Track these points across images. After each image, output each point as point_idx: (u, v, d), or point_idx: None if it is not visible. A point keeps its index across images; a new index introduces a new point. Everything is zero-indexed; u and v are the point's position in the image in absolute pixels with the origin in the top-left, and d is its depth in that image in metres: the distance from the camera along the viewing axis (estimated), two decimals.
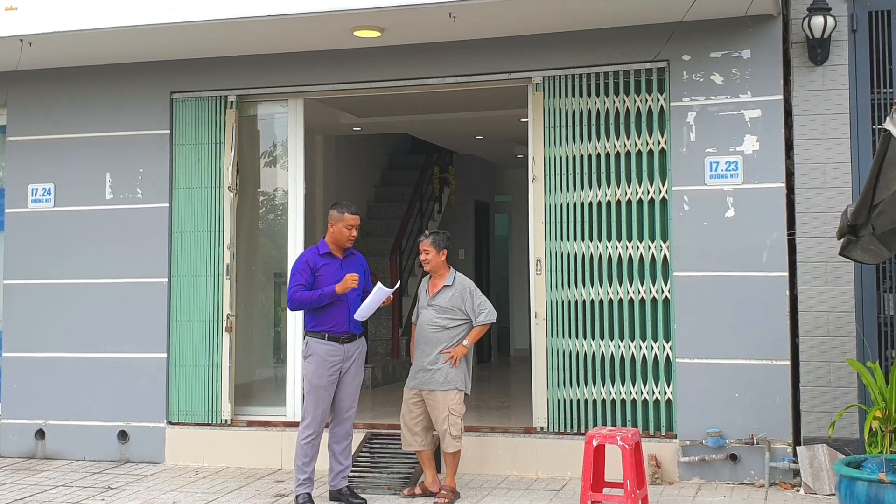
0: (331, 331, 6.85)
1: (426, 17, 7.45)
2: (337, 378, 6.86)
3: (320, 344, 6.84)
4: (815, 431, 7.23)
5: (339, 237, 6.94)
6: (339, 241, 6.96)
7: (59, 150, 8.88)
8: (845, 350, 7.23)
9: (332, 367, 6.83)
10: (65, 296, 8.77)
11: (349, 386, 6.95)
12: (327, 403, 6.88)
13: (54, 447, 8.71)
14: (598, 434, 6.52)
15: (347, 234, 6.93)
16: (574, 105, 7.88)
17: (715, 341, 7.44)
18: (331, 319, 6.85)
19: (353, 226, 6.94)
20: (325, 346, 6.83)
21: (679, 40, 7.54)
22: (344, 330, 6.89)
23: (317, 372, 6.81)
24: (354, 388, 7.01)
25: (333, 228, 6.95)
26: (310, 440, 6.83)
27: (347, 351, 6.90)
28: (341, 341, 6.87)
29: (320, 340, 6.85)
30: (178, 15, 7.52)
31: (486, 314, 7.11)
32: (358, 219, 6.98)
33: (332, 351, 6.84)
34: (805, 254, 7.36)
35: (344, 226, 6.93)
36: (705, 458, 7.40)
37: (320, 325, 6.86)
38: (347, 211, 6.95)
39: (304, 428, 6.85)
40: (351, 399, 6.99)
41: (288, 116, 8.62)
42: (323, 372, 6.82)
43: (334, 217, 6.96)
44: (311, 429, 6.83)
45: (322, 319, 6.85)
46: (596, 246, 7.78)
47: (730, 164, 7.47)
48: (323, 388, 6.83)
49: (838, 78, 7.37)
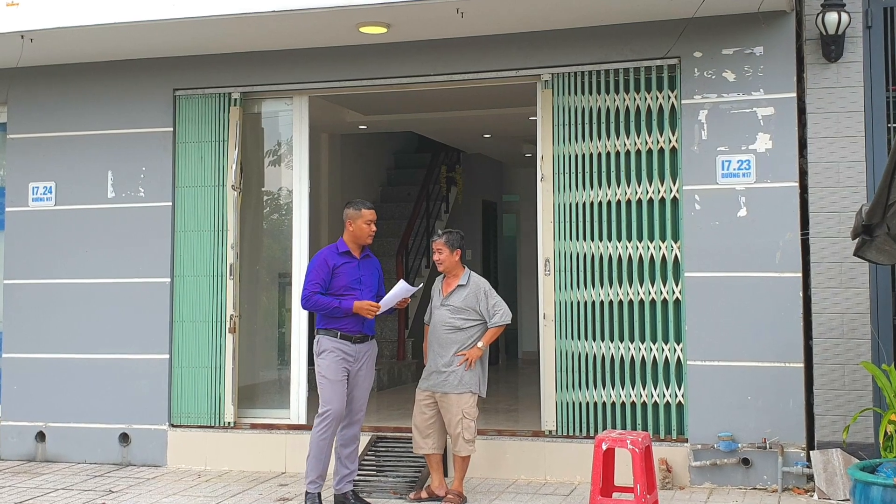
0: (343, 329, 6.86)
1: (433, 13, 7.46)
2: (348, 376, 6.87)
3: (331, 341, 6.85)
4: (829, 435, 7.22)
5: (360, 234, 6.95)
6: (360, 238, 6.97)
7: (60, 148, 8.90)
8: (860, 352, 7.22)
9: (346, 364, 6.85)
10: (66, 296, 8.79)
11: (359, 388, 6.95)
12: (343, 399, 6.83)
13: (55, 450, 8.73)
14: (608, 437, 6.51)
15: (368, 229, 6.95)
16: (583, 103, 7.88)
17: (727, 343, 7.44)
18: (345, 319, 6.86)
19: (371, 220, 6.98)
20: (337, 343, 6.85)
21: (690, 37, 7.53)
22: (357, 330, 6.90)
23: (331, 367, 6.80)
24: (364, 390, 7.01)
25: (353, 226, 6.95)
26: (327, 436, 6.77)
27: (358, 351, 6.90)
28: (353, 341, 6.88)
29: (332, 338, 6.86)
30: (182, 11, 7.54)
31: (502, 315, 7.11)
32: (375, 213, 7.02)
33: (344, 348, 6.85)
34: (819, 254, 7.35)
35: (363, 221, 6.94)
36: (717, 463, 7.39)
37: (333, 323, 6.87)
38: (364, 206, 6.98)
39: (321, 422, 6.76)
40: (360, 401, 6.99)
41: (293, 114, 8.62)
42: (337, 367, 6.81)
43: (352, 215, 6.97)
44: (329, 424, 6.73)
45: (335, 318, 6.86)
46: (606, 246, 7.78)
47: (742, 162, 7.47)
48: (339, 383, 6.81)
49: (853, 75, 7.36)
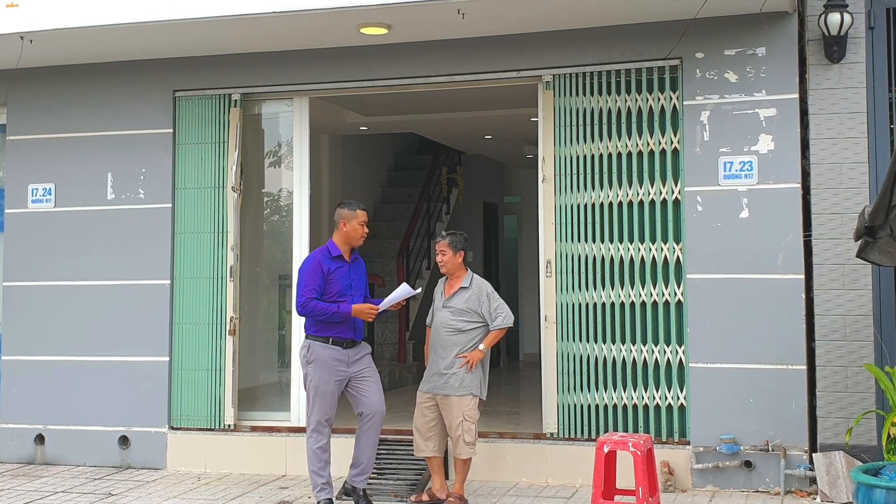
0: (335, 336, 6.85)
1: (434, 14, 7.47)
2: (343, 381, 6.87)
3: (324, 348, 6.84)
4: (832, 438, 7.22)
5: (354, 235, 6.95)
6: (353, 240, 6.97)
7: (59, 150, 8.90)
8: (863, 355, 7.22)
9: (339, 372, 6.84)
10: (65, 298, 8.80)
11: (367, 386, 6.91)
12: (333, 409, 6.88)
13: (54, 452, 8.74)
14: (610, 440, 6.51)
15: (361, 231, 6.96)
16: (585, 104, 7.88)
17: (729, 345, 7.44)
18: (337, 325, 6.85)
19: (365, 222, 6.99)
20: (329, 350, 6.84)
21: (692, 37, 7.54)
22: (349, 336, 6.90)
23: (323, 377, 6.82)
24: (373, 384, 6.94)
25: (347, 227, 6.95)
26: (322, 445, 6.83)
27: (350, 356, 6.90)
28: (345, 346, 6.88)
29: (324, 344, 6.84)
30: (182, 11, 7.54)
31: (504, 318, 7.12)
32: (366, 215, 7.04)
33: (336, 355, 6.85)
34: (821, 256, 7.35)
35: (358, 222, 6.95)
36: (719, 465, 7.39)
37: (325, 330, 6.85)
38: (359, 207, 6.99)
39: (313, 433, 6.83)
40: (373, 398, 6.90)
41: (293, 115, 8.63)
42: (329, 377, 6.82)
43: (346, 215, 6.96)
44: (320, 434, 6.83)
45: (328, 325, 6.85)
46: (607, 248, 7.78)
47: (744, 164, 7.47)
48: (330, 394, 6.83)
49: (855, 76, 7.36)
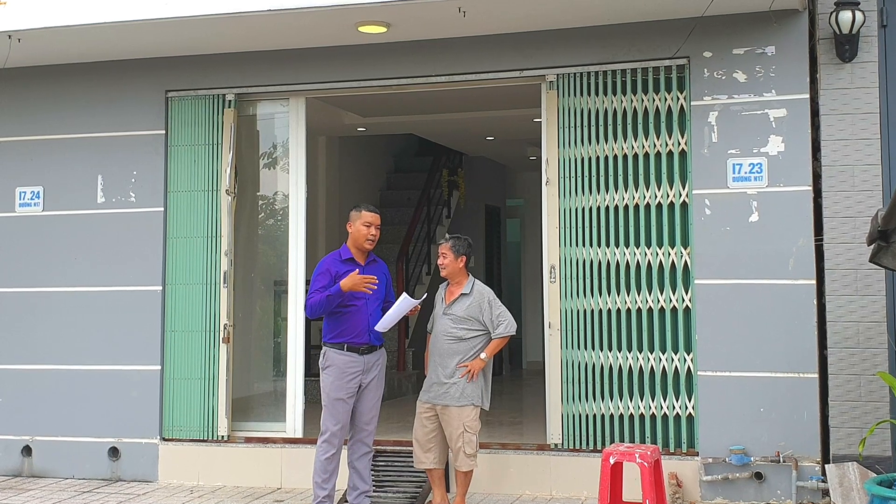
0: (350, 342, 6.86)
1: (434, 12, 7.50)
2: (356, 390, 6.89)
3: (339, 355, 6.85)
4: (845, 448, 7.23)
5: (358, 237, 6.96)
6: (359, 242, 6.97)
7: (48, 152, 8.93)
8: (876, 362, 7.24)
9: (352, 380, 6.85)
10: (53, 304, 8.82)
11: (370, 399, 6.97)
12: (347, 418, 6.89)
13: (42, 464, 8.75)
14: (616, 451, 6.53)
15: (366, 232, 6.94)
16: (590, 104, 7.91)
17: (738, 353, 7.46)
18: (351, 330, 6.86)
19: (370, 223, 6.95)
20: (344, 357, 6.85)
21: (700, 36, 7.57)
22: (364, 341, 6.89)
23: (335, 384, 6.83)
24: (375, 401, 7.02)
25: (352, 228, 6.97)
26: (329, 456, 6.83)
27: (367, 362, 6.90)
28: (361, 352, 6.88)
29: (339, 351, 6.86)
30: (174, 10, 7.57)
31: (506, 325, 7.14)
32: (377, 217, 7.00)
33: (352, 362, 6.85)
34: (833, 261, 7.37)
35: (362, 223, 6.94)
36: (729, 477, 7.41)
37: (340, 335, 6.87)
38: (365, 209, 6.98)
39: (323, 443, 6.85)
40: (371, 413, 7.00)
41: (289, 116, 8.66)
42: (342, 384, 6.83)
43: (352, 216, 6.99)
44: (330, 444, 6.83)
45: (341, 330, 6.86)
46: (613, 252, 7.80)
47: (754, 166, 7.49)
48: (342, 402, 6.84)
49: (867, 76, 7.39)
